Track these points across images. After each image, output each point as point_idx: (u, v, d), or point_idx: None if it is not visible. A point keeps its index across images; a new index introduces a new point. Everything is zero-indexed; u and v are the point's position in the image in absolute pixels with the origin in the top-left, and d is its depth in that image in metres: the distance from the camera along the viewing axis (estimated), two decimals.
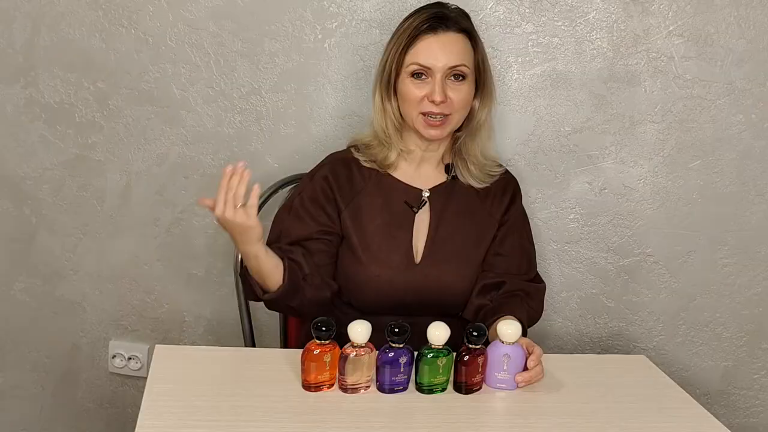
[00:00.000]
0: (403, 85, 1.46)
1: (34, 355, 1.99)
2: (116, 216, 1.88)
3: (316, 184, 1.52)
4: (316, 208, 1.50)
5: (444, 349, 1.25)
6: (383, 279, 1.47)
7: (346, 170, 1.53)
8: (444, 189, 1.54)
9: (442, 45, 1.43)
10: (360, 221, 1.50)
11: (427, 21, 1.43)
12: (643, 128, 1.79)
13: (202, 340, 1.96)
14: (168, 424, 1.12)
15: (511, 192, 1.58)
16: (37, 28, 1.77)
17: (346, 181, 1.52)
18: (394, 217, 1.51)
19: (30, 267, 1.93)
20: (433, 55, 1.43)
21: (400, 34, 1.45)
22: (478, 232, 1.54)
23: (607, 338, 1.92)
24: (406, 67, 1.44)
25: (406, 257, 1.49)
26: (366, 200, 1.51)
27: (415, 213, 1.52)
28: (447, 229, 1.52)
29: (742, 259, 1.86)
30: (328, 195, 1.51)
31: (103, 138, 1.83)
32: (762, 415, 1.97)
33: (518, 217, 1.59)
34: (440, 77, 1.42)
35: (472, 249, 1.53)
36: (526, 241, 1.60)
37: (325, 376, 1.23)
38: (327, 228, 1.50)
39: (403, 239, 1.50)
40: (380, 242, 1.49)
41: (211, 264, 1.90)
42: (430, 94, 1.43)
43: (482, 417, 1.24)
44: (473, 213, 1.55)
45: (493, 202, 1.56)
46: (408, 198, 1.52)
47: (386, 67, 1.47)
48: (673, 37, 1.73)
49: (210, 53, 1.77)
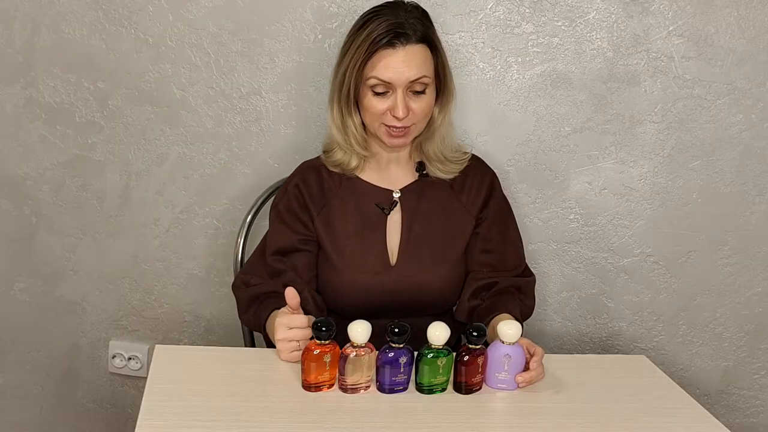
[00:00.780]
0: (366, 98, 1.43)
1: (34, 355, 1.99)
2: (116, 216, 1.88)
3: (290, 194, 1.52)
4: (292, 218, 1.51)
5: (444, 349, 1.25)
6: (360, 284, 1.47)
7: (316, 177, 1.53)
8: (415, 188, 1.54)
9: (402, 59, 1.39)
10: (332, 227, 1.50)
11: (386, 35, 1.38)
12: (643, 128, 1.79)
13: (202, 340, 1.96)
14: (168, 424, 1.12)
15: (488, 184, 1.57)
16: (37, 28, 1.77)
17: (317, 188, 1.52)
18: (366, 220, 1.50)
19: (30, 267, 1.93)
20: (393, 69, 1.39)
21: (358, 47, 1.40)
22: (453, 227, 1.53)
23: (607, 338, 1.92)
24: (366, 81, 1.41)
25: (381, 260, 1.49)
26: (337, 205, 1.51)
27: (387, 214, 1.51)
28: (421, 227, 1.51)
29: (742, 259, 1.86)
30: (300, 203, 1.51)
31: (103, 138, 1.83)
32: (762, 415, 1.97)
33: (500, 209, 1.58)
34: (402, 91, 1.40)
35: (448, 246, 1.52)
36: (512, 232, 1.59)
37: (325, 376, 1.23)
38: (305, 236, 1.50)
39: (376, 242, 1.49)
40: (354, 247, 1.48)
41: (211, 264, 1.90)
42: (393, 110, 1.41)
43: (482, 417, 1.24)
44: (447, 209, 1.54)
45: (470, 195, 1.55)
46: (378, 200, 1.52)
47: (345, 80, 1.43)
48: (673, 37, 1.73)
49: (210, 53, 1.77)
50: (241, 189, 1.84)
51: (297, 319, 1.28)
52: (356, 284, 1.47)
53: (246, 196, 1.82)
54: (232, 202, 1.85)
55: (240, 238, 1.68)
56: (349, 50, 1.43)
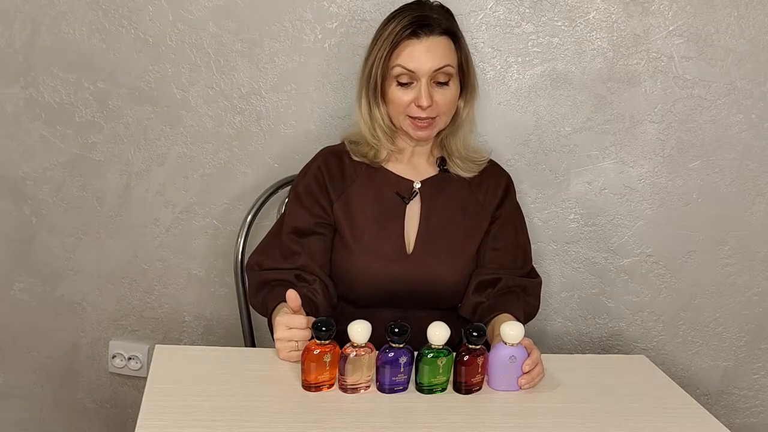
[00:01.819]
0: (391, 90, 1.46)
1: (34, 355, 1.99)
2: (116, 216, 1.88)
3: (310, 177, 1.54)
4: (311, 200, 1.52)
5: (444, 349, 1.25)
6: (374, 270, 1.48)
7: (337, 162, 1.55)
8: (435, 181, 1.55)
9: (426, 49, 1.43)
10: (351, 212, 1.51)
11: (410, 26, 1.43)
12: (643, 128, 1.79)
13: (202, 340, 1.96)
14: (168, 424, 1.12)
15: (504, 185, 1.59)
16: (37, 28, 1.77)
17: (338, 173, 1.53)
18: (385, 208, 1.52)
19: (30, 267, 1.93)
20: (417, 59, 1.43)
21: (384, 39, 1.45)
22: (470, 223, 1.54)
23: (607, 338, 1.92)
24: (391, 71, 1.45)
25: (398, 248, 1.50)
26: (357, 191, 1.52)
27: (407, 204, 1.52)
28: (439, 220, 1.52)
29: (742, 259, 1.86)
30: (321, 186, 1.52)
31: (103, 138, 1.83)
32: (762, 415, 1.97)
33: (512, 211, 1.60)
34: (426, 81, 1.43)
35: (464, 240, 1.53)
36: (521, 234, 1.60)
37: (325, 376, 1.23)
38: (322, 220, 1.51)
39: (394, 230, 1.51)
40: (372, 233, 1.50)
41: (211, 264, 1.90)
42: (417, 99, 1.44)
43: (482, 417, 1.24)
44: (465, 205, 1.55)
45: (486, 194, 1.57)
46: (399, 189, 1.53)
47: (372, 72, 1.47)
48: (673, 37, 1.73)
49: (210, 53, 1.77)
50: (241, 189, 1.84)
51: (296, 319, 1.29)
52: (371, 270, 1.48)
53: (246, 196, 1.82)
54: (232, 202, 1.85)
55: (240, 238, 1.68)
56: (375, 44, 1.47)
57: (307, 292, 1.43)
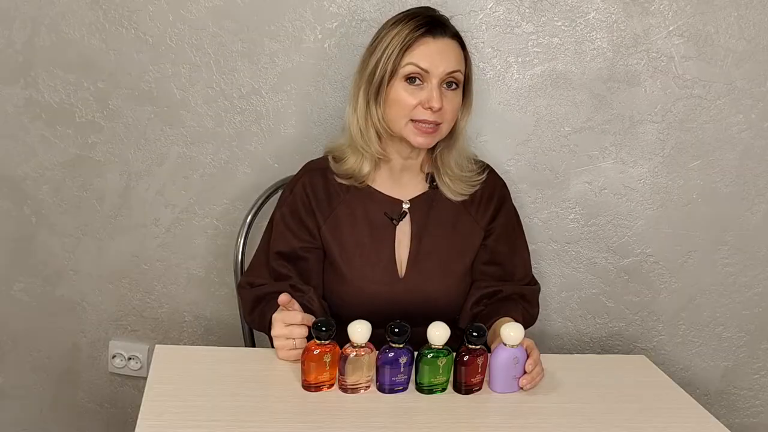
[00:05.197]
0: (395, 90, 1.42)
1: (34, 355, 1.99)
2: (116, 216, 1.88)
3: (296, 197, 1.50)
4: (298, 224, 1.49)
5: (444, 349, 1.25)
6: (367, 294, 1.46)
7: (322, 181, 1.50)
8: (425, 199, 1.52)
9: (441, 50, 1.41)
10: (340, 235, 1.48)
11: (425, 24, 1.41)
12: (643, 128, 1.79)
13: (202, 340, 1.96)
14: (168, 424, 1.12)
15: (498, 197, 1.56)
16: (37, 28, 1.76)
17: (323, 194, 1.49)
18: (374, 229, 1.49)
19: (30, 267, 1.93)
20: (432, 58, 1.40)
21: (394, 36, 1.41)
22: (462, 241, 1.52)
23: (607, 338, 1.92)
24: (402, 69, 1.41)
25: (390, 272, 1.48)
26: (344, 212, 1.49)
27: (396, 225, 1.50)
28: (430, 240, 1.50)
29: (742, 259, 1.86)
30: (307, 208, 1.49)
31: (103, 138, 1.83)
32: (762, 415, 1.97)
33: (509, 222, 1.57)
34: (437, 83, 1.40)
35: (456, 260, 1.51)
36: (519, 245, 1.58)
37: (325, 376, 1.23)
38: (309, 244, 1.49)
39: (385, 253, 1.48)
40: (363, 257, 1.47)
41: (211, 264, 1.90)
42: (427, 101, 1.39)
43: (482, 417, 1.24)
44: (456, 222, 1.52)
45: (479, 209, 1.54)
46: (387, 210, 1.50)
47: (378, 70, 1.42)
48: (673, 37, 1.73)
49: (210, 53, 1.77)
50: (241, 189, 1.84)
51: (292, 315, 1.28)
52: (363, 294, 1.46)
53: (246, 196, 1.82)
54: (232, 202, 1.85)
55: (240, 238, 1.69)
56: (382, 41, 1.43)
57: (303, 301, 1.41)
